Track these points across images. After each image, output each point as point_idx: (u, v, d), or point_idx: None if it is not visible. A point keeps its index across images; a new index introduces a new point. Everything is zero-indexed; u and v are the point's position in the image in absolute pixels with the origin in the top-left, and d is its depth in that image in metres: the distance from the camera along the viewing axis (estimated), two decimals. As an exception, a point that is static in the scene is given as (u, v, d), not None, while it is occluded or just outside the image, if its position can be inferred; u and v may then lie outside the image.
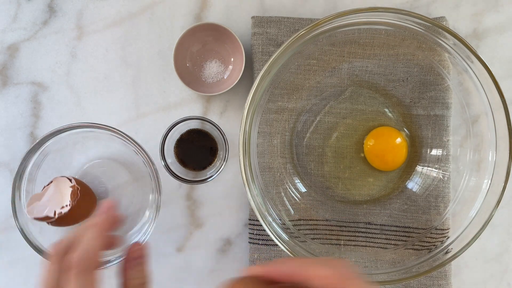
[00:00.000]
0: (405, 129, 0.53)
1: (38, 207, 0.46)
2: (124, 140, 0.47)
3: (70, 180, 0.47)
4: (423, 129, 0.53)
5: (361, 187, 0.54)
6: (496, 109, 0.45)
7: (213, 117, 0.54)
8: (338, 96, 0.53)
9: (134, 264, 0.32)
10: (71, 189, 0.46)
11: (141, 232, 0.49)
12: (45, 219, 0.46)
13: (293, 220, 0.51)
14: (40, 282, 0.29)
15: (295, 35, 0.43)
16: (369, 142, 0.53)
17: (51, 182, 0.48)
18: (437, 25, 0.44)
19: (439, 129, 0.52)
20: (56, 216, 0.46)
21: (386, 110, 0.53)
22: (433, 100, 0.52)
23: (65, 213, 0.46)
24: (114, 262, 0.48)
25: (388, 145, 0.52)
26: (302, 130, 0.53)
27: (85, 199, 0.48)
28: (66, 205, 0.46)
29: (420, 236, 0.51)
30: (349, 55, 0.51)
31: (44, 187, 0.48)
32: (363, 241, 0.52)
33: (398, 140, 0.52)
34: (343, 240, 0.52)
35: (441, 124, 0.52)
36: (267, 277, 0.28)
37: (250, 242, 0.53)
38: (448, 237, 0.48)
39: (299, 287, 0.27)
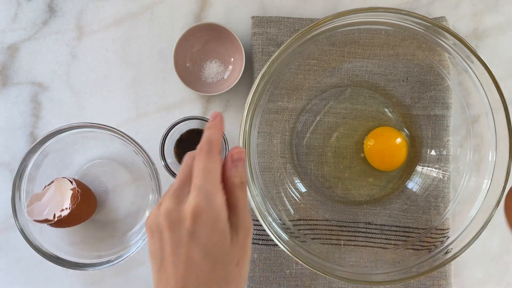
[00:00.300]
0: (405, 129, 0.53)
1: (38, 207, 0.46)
2: (124, 140, 0.47)
3: (71, 182, 0.47)
4: (423, 129, 0.53)
5: (361, 187, 0.54)
6: (496, 109, 0.45)
7: (213, 117, 0.54)
8: (338, 96, 0.53)
9: (234, 165, 0.34)
10: (71, 192, 0.46)
11: (141, 232, 0.49)
12: (45, 221, 0.46)
13: (293, 220, 0.51)
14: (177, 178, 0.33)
15: (295, 35, 0.43)
16: (369, 142, 0.53)
17: (52, 182, 0.48)
18: (437, 25, 0.44)
19: (439, 129, 0.52)
20: (56, 219, 0.46)
21: (386, 110, 0.53)
22: (433, 100, 0.52)
23: (64, 216, 0.46)
24: (114, 262, 0.48)
25: (388, 145, 0.52)
26: (302, 130, 0.53)
27: (85, 201, 0.48)
28: (66, 208, 0.46)
29: (420, 236, 0.51)
30: (349, 55, 0.51)
31: (45, 186, 0.48)
32: (363, 241, 0.52)
33: (398, 140, 0.52)
34: (343, 240, 0.52)
35: (441, 124, 0.52)
36: None
37: (250, 242, 0.53)
38: (448, 237, 0.48)
39: None
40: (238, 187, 0.33)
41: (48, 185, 0.48)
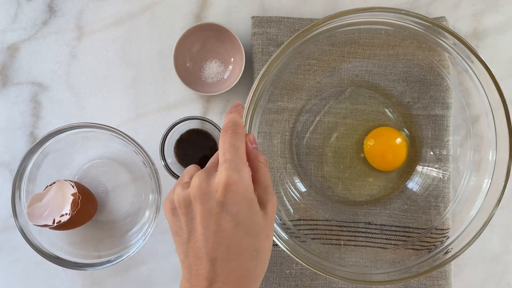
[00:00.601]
0: (405, 129, 0.53)
1: (38, 208, 0.46)
2: (124, 140, 0.47)
3: (73, 187, 0.47)
4: (423, 129, 0.53)
5: (361, 187, 0.54)
6: (496, 109, 0.45)
7: (213, 117, 0.54)
8: (338, 96, 0.53)
9: (255, 147, 0.36)
10: (72, 197, 0.46)
11: (141, 232, 0.49)
12: (44, 226, 0.46)
13: (293, 220, 0.51)
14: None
15: (295, 35, 0.43)
16: (369, 142, 0.53)
17: (54, 183, 0.48)
18: (437, 25, 0.44)
19: (439, 129, 0.52)
20: (55, 224, 0.46)
21: (386, 110, 0.53)
22: (433, 100, 0.52)
23: (64, 221, 0.46)
24: (114, 262, 0.48)
25: (388, 145, 0.52)
26: (302, 130, 0.53)
27: (85, 205, 0.48)
28: (66, 214, 0.46)
29: (420, 236, 0.51)
30: (349, 55, 0.51)
31: (47, 186, 0.48)
32: (363, 241, 0.52)
33: (398, 140, 0.52)
34: (343, 240, 0.52)
35: (441, 124, 0.52)
36: None
37: (250, 242, 0.53)
38: (448, 237, 0.48)
39: None
40: (264, 165, 0.34)
41: (50, 185, 0.48)
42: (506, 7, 0.55)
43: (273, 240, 0.45)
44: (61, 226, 0.46)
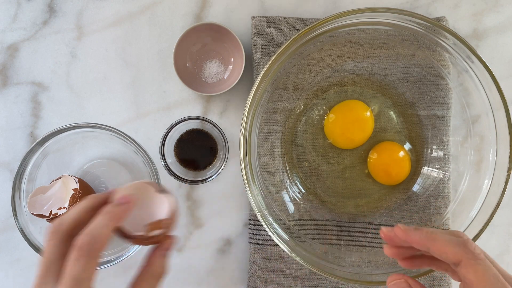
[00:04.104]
0: (407, 143, 0.53)
1: (40, 200, 0.46)
2: (124, 140, 0.47)
3: (76, 182, 0.48)
4: (423, 129, 0.53)
5: (361, 187, 0.54)
6: (496, 109, 0.45)
7: (213, 117, 0.54)
8: (338, 96, 0.53)
9: (161, 254, 0.32)
10: (72, 192, 0.47)
11: (141, 232, 0.49)
12: (41, 216, 0.46)
13: (293, 220, 0.51)
14: (41, 260, 0.29)
15: (295, 35, 0.43)
16: (373, 156, 0.53)
17: (60, 178, 0.48)
18: (437, 25, 0.44)
19: (439, 129, 0.52)
20: (51, 216, 0.46)
21: (386, 110, 0.53)
22: (433, 100, 0.52)
23: (60, 215, 0.46)
24: (114, 262, 0.48)
25: (391, 159, 0.52)
26: (302, 130, 0.53)
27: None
28: (64, 207, 0.46)
29: (420, 236, 0.51)
30: (349, 55, 0.51)
31: (53, 180, 0.48)
32: (363, 241, 0.52)
33: (401, 153, 0.52)
34: (343, 240, 0.52)
35: (441, 124, 0.52)
36: (405, 241, 0.33)
37: (250, 242, 0.53)
38: (448, 237, 0.48)
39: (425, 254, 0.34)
40: (158, 277, 0.31)
41: (56, 180, 0.48)
42: (506, 7, 0.55)
43: (273, 240, 0.45)
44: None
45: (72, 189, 0.47)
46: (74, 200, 0.46)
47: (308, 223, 0.52)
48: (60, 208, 0.46)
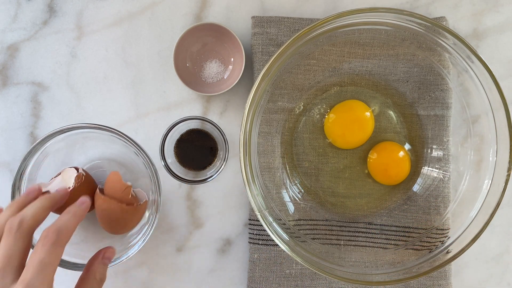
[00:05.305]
0: (407, 143, 0.53)
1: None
2: (124, 141, 0.47)
3: (78, 170, 0.48)
4: (423, 129, 0.53)
5: (361, 187, 0.54)
6: (496, 109, 0.45)
7: (213, 117, 0.54)
8: (338, 96, 0.53)
9: (102, 262, 0.35)
10: (76, 172, 0.47)
11: (141, 232, 0.49)
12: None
13: (293, 220, 0.51)
14: (0, 254, 0.31)
15: (295, 35, 0.43)
16: (372, 156, 0.53)
17: (59, 174, 0.48)
18: (437, 25, 0.44)
19: (439, 129, 0.52)
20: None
21: (387, 110, 0.53)
22: (433, 100, 0.52)
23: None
24: (114, 263, 0.48)
25: (391, 159, 0.52)
26: (302, 130, 0.53)
27: (87, 188, 0.48)
28: (69, 187, 0.46)
29: (421, 236, 0.51)
30: (349, 55, 0.51)
31: (52, 178, 0.48)
32: (363, 241, 0.52)
33: (401, 153, 0.52)
34: (343, 240, 0.52)
35: (441, 124, 0.52)
36: None
37: (250, 242, 0.53)
38: (449, 237, 0.48)
39: None
40: (100, 283, 0.33)
41: (55, 177, 0.48)
42: (506, 7, 0.55)
43: (273, 240, 0.45)
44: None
45: (74, 177, 0.47)
46: (79, 179, 0.46)
47: (308, 223, 0.52)
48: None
